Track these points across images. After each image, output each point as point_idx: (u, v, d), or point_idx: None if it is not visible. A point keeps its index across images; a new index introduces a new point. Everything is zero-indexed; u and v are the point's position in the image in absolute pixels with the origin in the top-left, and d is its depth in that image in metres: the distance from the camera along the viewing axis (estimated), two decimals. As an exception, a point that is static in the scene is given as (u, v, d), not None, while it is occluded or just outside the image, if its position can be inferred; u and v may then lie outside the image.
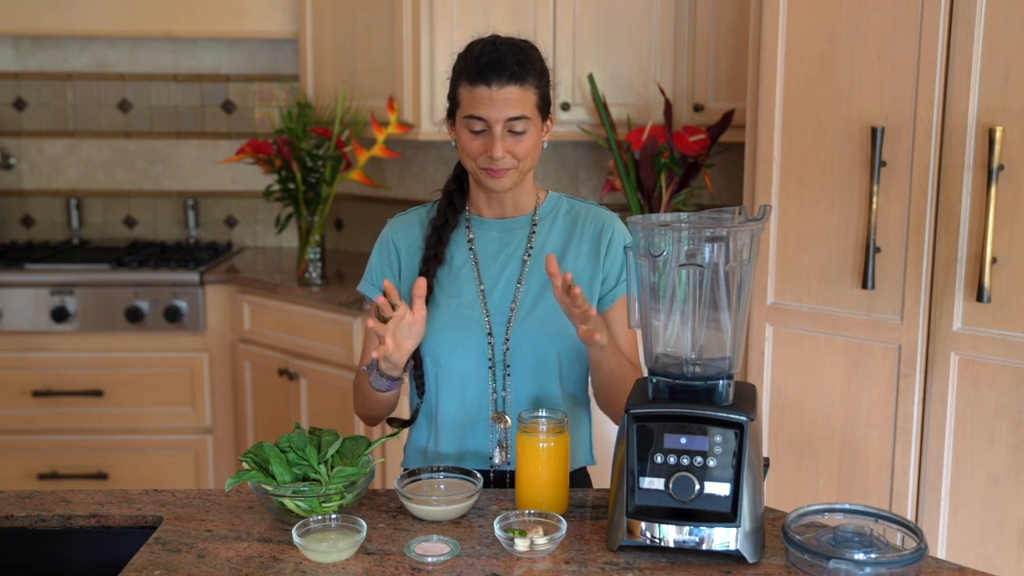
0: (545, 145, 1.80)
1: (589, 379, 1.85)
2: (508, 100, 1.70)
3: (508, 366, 1.78)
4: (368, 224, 3.91)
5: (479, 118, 1.71)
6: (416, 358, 1.83)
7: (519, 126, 1.71)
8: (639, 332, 1.53)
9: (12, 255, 3.62)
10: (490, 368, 1.79)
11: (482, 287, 1.80)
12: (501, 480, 1.81)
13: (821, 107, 2.42)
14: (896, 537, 1.42)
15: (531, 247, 1.82)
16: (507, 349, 1.78)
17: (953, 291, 2.27)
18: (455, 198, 1.85)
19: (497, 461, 1.80)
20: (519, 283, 1.80)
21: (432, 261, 1.81)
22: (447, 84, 1.81)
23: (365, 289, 1.89)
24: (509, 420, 1.78)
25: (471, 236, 1.84)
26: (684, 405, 1.44)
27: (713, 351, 1.47)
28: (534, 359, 1.78)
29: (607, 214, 1.86)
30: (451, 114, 1.80)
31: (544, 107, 1.78)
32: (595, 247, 1.82)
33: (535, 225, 1.84)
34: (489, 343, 1.78)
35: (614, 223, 1.84)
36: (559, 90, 3.14)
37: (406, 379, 1.79)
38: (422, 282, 1.67)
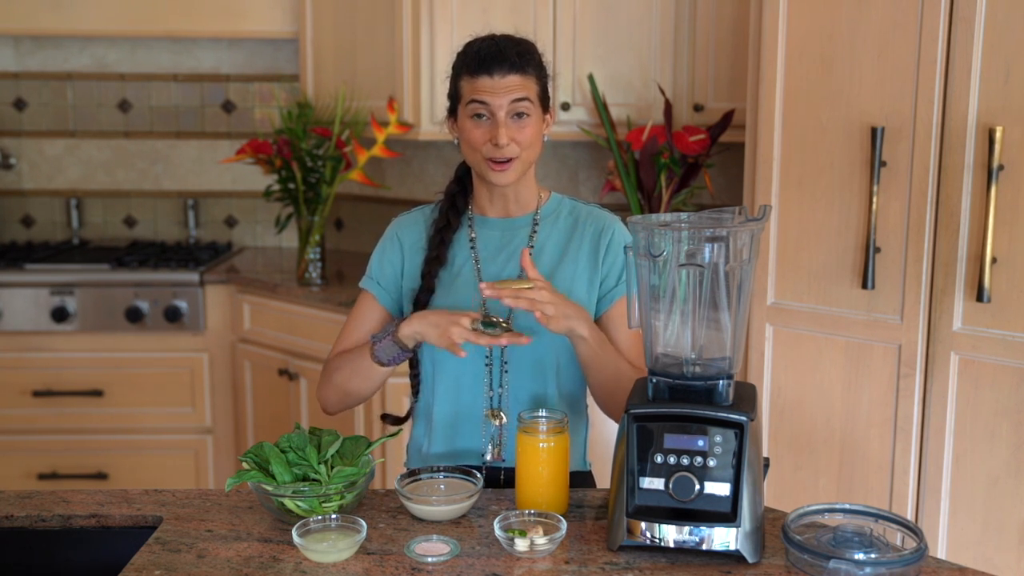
0: (546, 139, 1.81)
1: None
2: (511, 86, 1.71)
3: (505, 363, 1.78)
4: (368, 224, 3.91)
5: (482, 102, 1.71)
6: (413, 358, 1.83)
7: (522, 108, 1.72)
8: (640, 332, 1.53)
9: (12, 255, 3.62)
10: (487, 366, 1.79)
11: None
12: (494, 477, 1.80)
13: (821, 107, 2.42)
14: (896, 537, 1.42)
15: (532, 246, 1.82)
16: (504, 347, 1.78)
17: (953, 291, 2.27)
18: (457, 199, 1.85)
19: (489, 458, 1.80)
20: None
21: (434, 262, 1.81)
22: (447, 84, 1.82)
23: (367, 285, 1.89)
24: (504, 417, 1.78)
25: (473, 235, 1.84)
26: (684, 405, 1.44)
27: (713, 351, 1.47)
28: (532, 358, 1.78)
29: (608, 216, 1.86)
30: (452, 111, 1.80)
31: (544, 99, 1.78)
32: (594, 248, 1.82)
33: (536, 224, 1.84)
34: None
35: (614, 225, 1.84)
36: (559, 90, 3.14)
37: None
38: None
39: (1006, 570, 2.27)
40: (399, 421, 1.88)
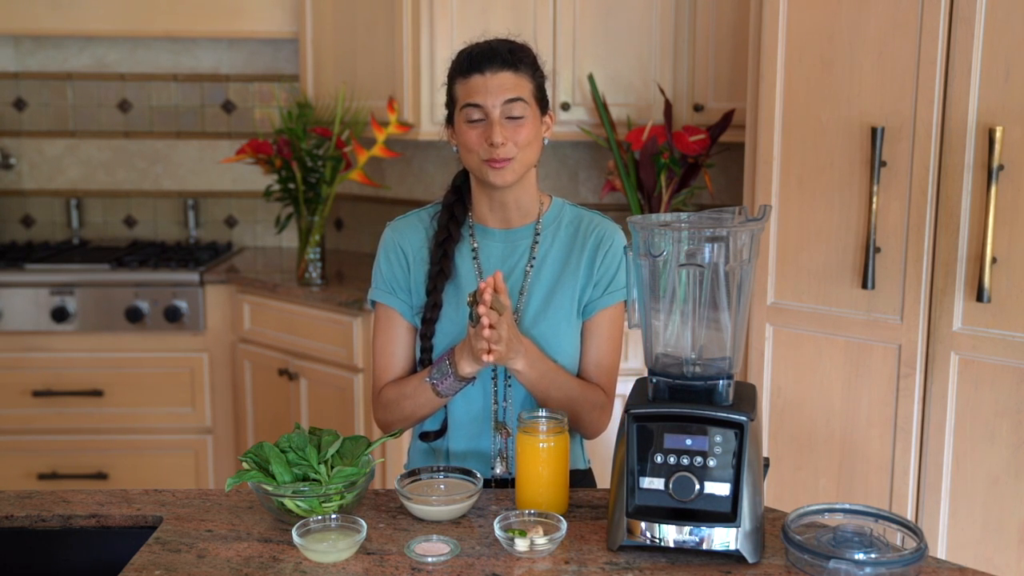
0: (546, 142, 1.79)
1: None
2: (503, 84, 1.70)
3: (509, 377, 1.78)
4: (368, 224, 3.91)
5: (476, 105, 1.70)
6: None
7: (516, 109, 1.70)
8: (639, 332, 1.53)
9: (12, 255, 3.62)
10: (492, 379, 1.78)
11: None
12: (504, 488, 1.79)
13: (821, 107, 2.42)
14: (896, 537, 1.42)
15: (534, 258, 1.80)
16: None
17: (953, 291, 2.27)
18: (455, 210, 1.82)
19: (498, 471, 1.80)
20: (521, 294, 1.78)
21: (439, 277, 1.78)
22: (445, 90, 1.81)
23: (379, 296, 1.84)
24: (511, 431, 1.77)
25: (475, 246, 1.82)
26: (684, 405, 1.44)
27: (713, 351, 1.47)
28: None
29: (608, 226, 1.83)
30: (450, 118, 1.79)
31: (541, 100, 1.76)
32: (592, 259, 1.80)
33: (538, 235, 1.82)
34: None
35: (614, 236, 1.81)
36: (559, 90, 3.14)
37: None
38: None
39: (1006, 570, 2.27)
40: (440, 435, 1.86)
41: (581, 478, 1.87)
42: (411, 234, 1.85)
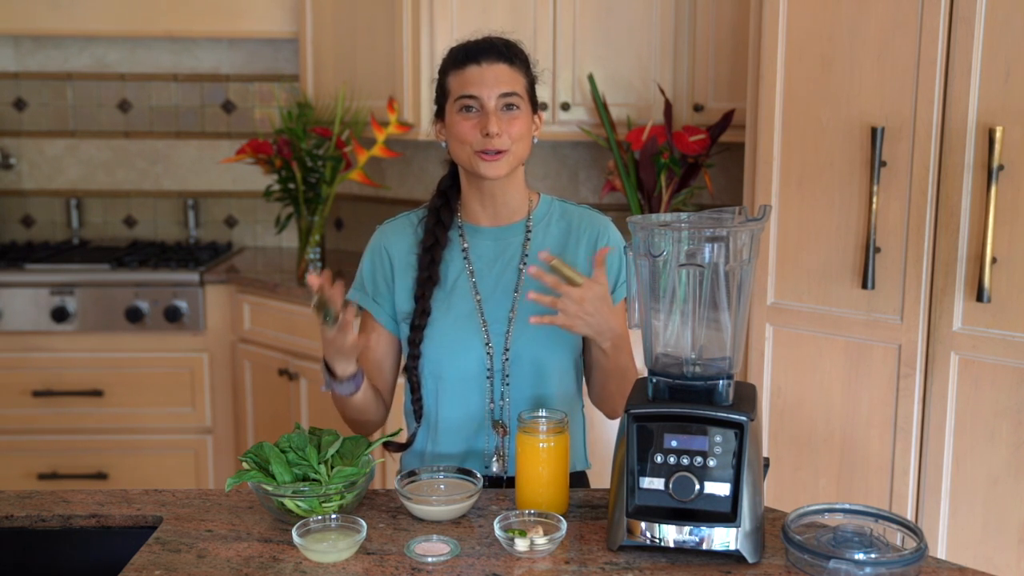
0: (535, 140, 1.79)
1: (584, 377, 1.84)
2: (499, 76, 1.70)
3: (507, 375, 1.77)
4: (368, 224, 3.89)
5: (472, 96, 1.70)
6: (413, 380, 1.81)
7: (512, 101, 1.71)
8: (639, 332, 1.53)
9: (12, 255, 3.62)
10: (488, 378, 1.78)
11: (479, 298, 1.78)
12: (497, 487, 1.79)
13: (821, 107, 2.42)
14: (896, 537, 1.42)
15: (527, 255, 1.80)
16: (506, 359, 1.77)
17: (953, 291, 2.27)
18: (442, 214, 1.81)
19: (495, 470, 1.79)
20: (516, 292, 1.78)
21: (427, 284, 1.77)
22: (435, 86, 1.81)
23: (356, 296, 1.86)
24: (508, 430, 1.77)
25: (465, 245, 1.82)
26: (684, 405, 1.44)
27: (713, 351, 1.47)
28: (533, 367, 1.77)
29: (600, 219, 1.83)
30: (439, 113, 1.79)
31: (533, 97, 1.77)
32: (591, 255, 1.79)
33: (529, 232, 1.82)
34: (488, 353, 1.77)
35: (608, 230, 1.82)
36: (559, 90, 3.14)
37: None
38: (350, 311, 1.62)
39: (1006, 570, 2.27)
40: (402, 448, 1.87)
41: (577, 479, 1.86)
42: (398, 238, 1.85)
